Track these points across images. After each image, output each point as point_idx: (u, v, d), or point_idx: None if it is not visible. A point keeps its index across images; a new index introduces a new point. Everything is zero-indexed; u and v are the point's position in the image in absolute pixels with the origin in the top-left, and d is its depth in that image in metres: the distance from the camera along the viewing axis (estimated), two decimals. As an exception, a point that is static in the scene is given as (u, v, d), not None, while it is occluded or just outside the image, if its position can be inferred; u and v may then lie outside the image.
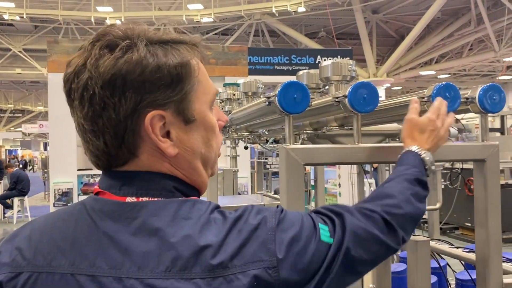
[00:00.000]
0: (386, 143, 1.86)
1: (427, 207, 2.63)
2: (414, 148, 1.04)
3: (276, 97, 1.11)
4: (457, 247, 1.71)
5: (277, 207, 0.75)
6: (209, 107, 0.77)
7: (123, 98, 0.68)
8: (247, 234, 0.68)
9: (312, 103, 1.26)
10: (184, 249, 0.65)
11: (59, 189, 5.48)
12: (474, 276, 1.61)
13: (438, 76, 20.37)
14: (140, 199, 0.71)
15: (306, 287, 0.70)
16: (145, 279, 0.64)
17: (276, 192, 3.34)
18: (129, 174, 0.73)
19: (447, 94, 1.17)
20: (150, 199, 0.71)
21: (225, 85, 2.19)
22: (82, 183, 6.05)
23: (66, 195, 5.47)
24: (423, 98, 1.20)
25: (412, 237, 1.33)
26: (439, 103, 1.10)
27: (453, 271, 1.84)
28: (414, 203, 0.91)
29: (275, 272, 0.66)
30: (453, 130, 3.13)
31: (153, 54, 0.70)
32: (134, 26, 0.73)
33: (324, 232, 0.74)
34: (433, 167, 1.03)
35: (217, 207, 0.72)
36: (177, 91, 0.71)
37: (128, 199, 0.71)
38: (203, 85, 0.76)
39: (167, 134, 0.72)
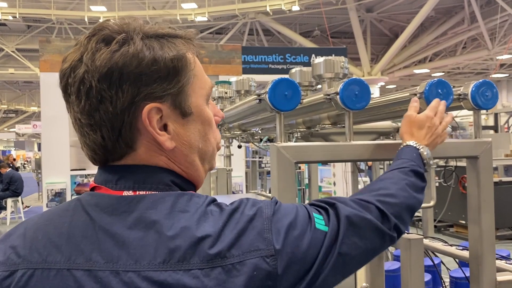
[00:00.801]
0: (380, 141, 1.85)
1: (421, 205, 2.63)
2: (411, 143, 1.05)
3: (266, 94, 1.09)
4: (451, 245, 1.70)
5: (272, 199, 0.76)
6: (205, 101, 0.78)
7: (120, 91, 0.68)
8: (244, 224, 0.68)
9: (304, 100, 1.25)
10: (181, 240, 0.65)
11: (52, 189, 5.44)
12: (468, 274, 1.60)
13: (432, 74, 20.46)
14: (137, 192, 0.70)
15: (305, 277, 0.69)
16: (143, 271, 0.64)
17: (271, 191, 3.32)
18: (126, 168, 0.73)
19: (439, 91, 1.16)
20: (147, 192, 0.71)
21: (217, 83, 2.17)
22: (75, 183, 6.01)
23: (59, 195, 5.43)
24: (416, 94, 1.19)
25: (405, 235, 1.32)
26: (437, 101, 1.12)
27: (447, 268, 1.84)
28: (410, 192, 0.91)
29: (273, 261, 0.66)
30: (447, 128, 3.13)
31: (149, 47, 0.70)
32: (130, 21, 0.73)
33: (319, 220, 0.74)
34: (431, 162, 1.04)
35: (214, 200, 0.72)
36: (173, 83, 0.71)
37: (125, 193, 0.71)
38: (199, 79, 0.76)
39: (164, 128, 0.72)
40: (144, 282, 0.63)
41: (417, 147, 1.04)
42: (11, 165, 12.95)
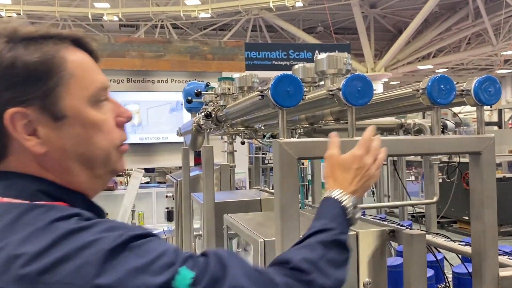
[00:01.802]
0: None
1: (424, 201, 2.63)
2: (335, 193, 0.91)
3: (269, 91, 1.10)
4: (454, 241, 1.70)
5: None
6: (88, 103, 0.73)
7: None
8: (73, 249, 0.59)
9: (306, 96, 1.25)
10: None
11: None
12: (471, 269, 1.60)
13: (436, 70, 20.36)
14: (2, 199, 0.68)
15: None
16: None
17: (273, 187, 3.33)
18: None
19: (442, 86, 1.16)
20: (7, 200, 0.68)
21: (219, 79, 2.17)
22: (79, 179, 6.02)
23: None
24: (418, 90, 1.19)
25: (407, 231, 1.33)
26: (370, 133, 0.99)
27: (450, 264, 1.84)
28: (329, 273, 0.77)
29: None
30: (451, 124, 3.12)
31: (11, 50, 0.68)
32: (8, 25, 0.71)
33: (184, 279, 0.62)
34: (358, 215, 0.91)
35: (74, 215, 0.65)
36: (38, 87, 0.69)
37: None
38: (79, 79, 0.72)
39: (35, 132, 0.70)
40: None
41: (340, 200, 0.89)
42: None
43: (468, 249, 1.52)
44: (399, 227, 1.42)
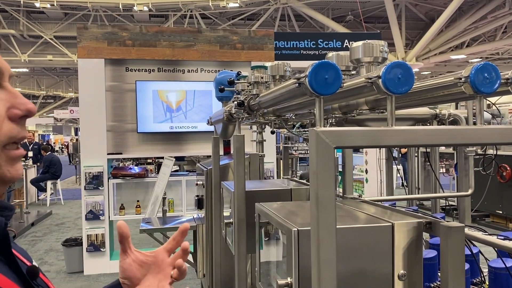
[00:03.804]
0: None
1: (459, 193, 2.56)
2: None
3: (306, 78, 1.08)
4: (490, 234, 1.66)
5: None
6: None
7: None
8: None
9: (344, 84, 1.23)
10: None
11: (90, 172, 5.60)
12: (508, 264, 1.56)
13: (470, 60, 19.76)
14: None
15: None
16: None
17: (301, 177, 3.32)
18: None
19: (486, 75, 1.11)
20: None
21: (252, 68, 2.17)
22: (112, 167, 6.16)
23: (96, 178, 5.59)
24: (460, 79, 1.15)
25: (446, 223, 1.30)
26: None
27: (486, 258, 1.80)
28: None
29: None
30: (487, 115, 3.02)
31: None
32: None
33: None
34: None
35: None
36: None
37: None
38: None
39: None
40: None
41: None
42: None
43: (508, 243, 1.48)
44: (435, 219, 1.39)
